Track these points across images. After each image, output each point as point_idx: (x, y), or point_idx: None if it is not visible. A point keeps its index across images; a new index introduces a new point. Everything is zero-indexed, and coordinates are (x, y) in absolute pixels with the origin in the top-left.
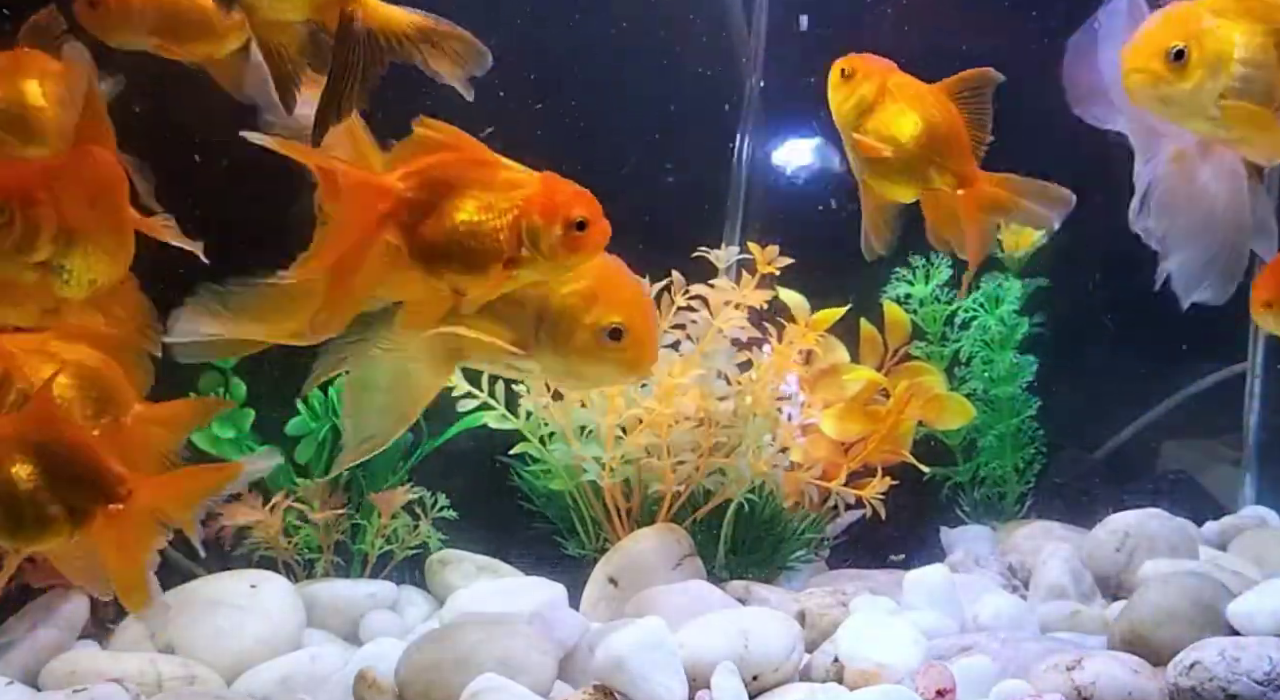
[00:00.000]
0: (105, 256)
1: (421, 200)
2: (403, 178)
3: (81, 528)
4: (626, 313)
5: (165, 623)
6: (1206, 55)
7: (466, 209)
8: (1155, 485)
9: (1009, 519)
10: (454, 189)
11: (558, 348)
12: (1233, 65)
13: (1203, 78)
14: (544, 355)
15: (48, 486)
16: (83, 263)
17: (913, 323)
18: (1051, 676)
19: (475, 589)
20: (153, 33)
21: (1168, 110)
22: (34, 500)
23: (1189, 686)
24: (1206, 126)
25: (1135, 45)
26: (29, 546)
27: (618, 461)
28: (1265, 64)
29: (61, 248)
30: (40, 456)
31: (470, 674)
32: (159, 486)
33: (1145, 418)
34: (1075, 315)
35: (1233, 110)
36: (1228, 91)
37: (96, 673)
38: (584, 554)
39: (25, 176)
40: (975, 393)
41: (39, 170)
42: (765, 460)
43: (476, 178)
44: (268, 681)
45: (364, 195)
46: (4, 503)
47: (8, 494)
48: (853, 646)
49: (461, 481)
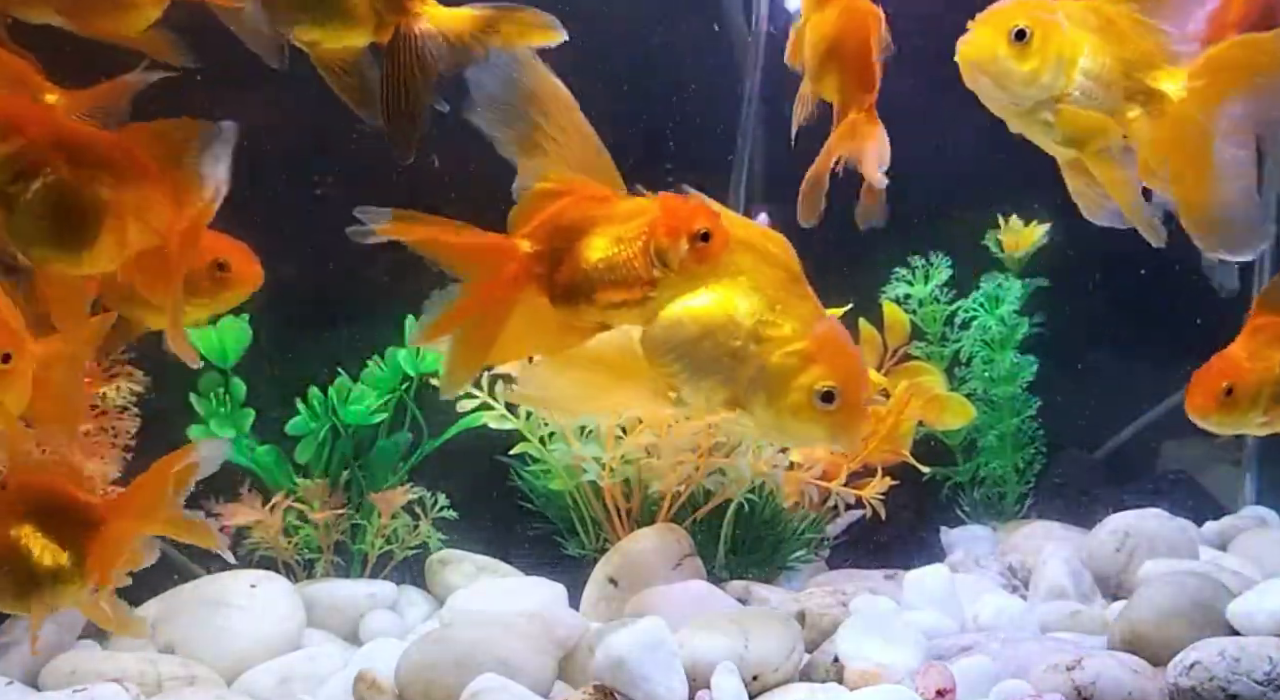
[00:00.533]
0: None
1: (553, 249)
2: (529, 234)
3: (85, 571)
4: (841, 379)
5: (154, 629)
6: (1049, 48)
7: (598, 246)
8: (1155, 485)
9: (1009, 519)
10: (581, 231)
11: (771, 403)
12: (1075, 71)
13: (1039, 67)
14: (757, 410)
15: (54, 540)
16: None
17: (912, 323)
18: (1051, 676)
19: (475, 589)
20: (59, 9)
21: (998, 93)
22: (47, 557)
23: (1189, 686)
24: (1038, 131)
25: (980, 19)
26: (55, 603)
27: (618, 461)
28: (1107, 85)
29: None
30: (33, 512)
31: (470, 674)
32: (124, 504)
33: (1145, 418)
34: (1075, 315)
35: (1069, 115)
36: (1065, 96)
37: (96, 673)
38: (584, 554)
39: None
40: (975, 393)
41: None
42: (765, 460)
43: (599, 215)
44: (268, 681)
45: (493, 259)
46: (21, 569)
47: (21, 559)
48: (853, 646)
49: (461, 481)
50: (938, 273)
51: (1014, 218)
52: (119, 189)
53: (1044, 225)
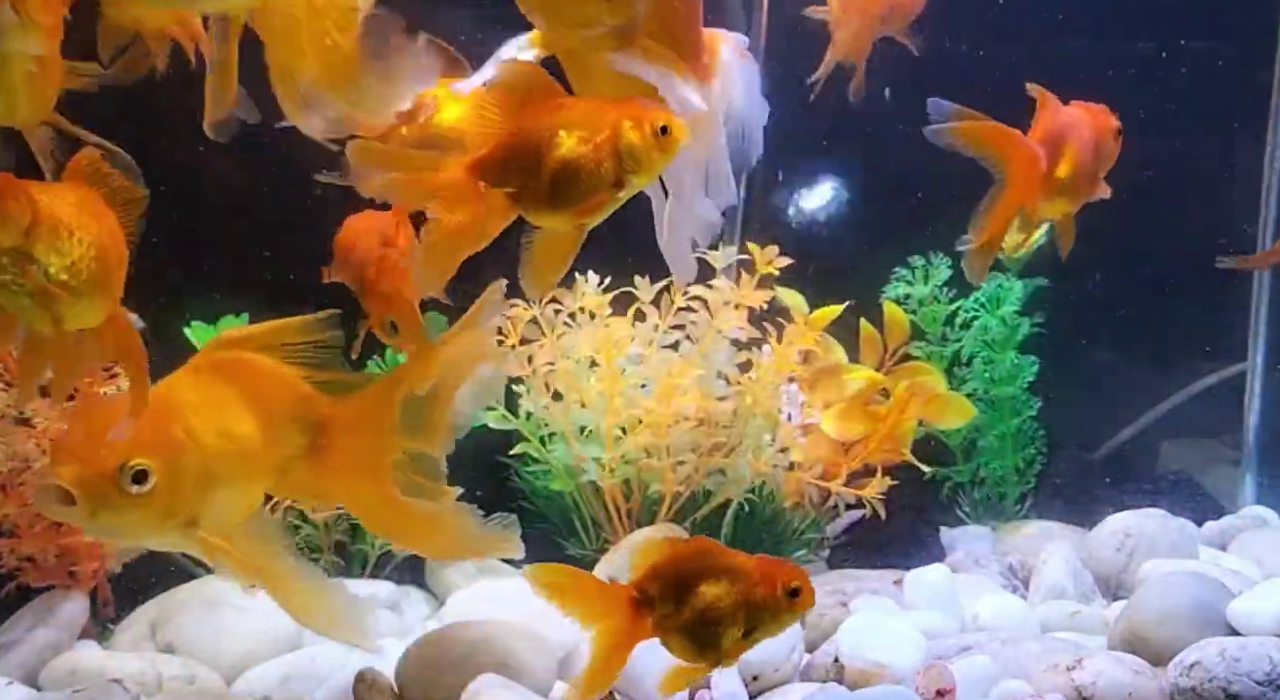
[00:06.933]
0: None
1: (516, 161)
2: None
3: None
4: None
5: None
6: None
7: (568, 147)
8: (1155, 485)
9: (1009, 519)
10: (550, 137)
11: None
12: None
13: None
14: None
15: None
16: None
17: (912, 323)
18: (1051, 676)
19: (475, 589)
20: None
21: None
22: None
23: (1189, 686)
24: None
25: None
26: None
27: (617, 462)
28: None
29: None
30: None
31: (470, 674)
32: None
33: (1145, 418)
34: (1075, 315)
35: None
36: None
37: (96, 673)
38: (584, 554)
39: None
40: (975, 393)
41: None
42: (765, 460)
43: (560, 121)
44: (268, 681)
45: (457, 186)
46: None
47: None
48: (853, 646)
49: (461, 481)
50: (938, 273)
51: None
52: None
53: (1044, 225)
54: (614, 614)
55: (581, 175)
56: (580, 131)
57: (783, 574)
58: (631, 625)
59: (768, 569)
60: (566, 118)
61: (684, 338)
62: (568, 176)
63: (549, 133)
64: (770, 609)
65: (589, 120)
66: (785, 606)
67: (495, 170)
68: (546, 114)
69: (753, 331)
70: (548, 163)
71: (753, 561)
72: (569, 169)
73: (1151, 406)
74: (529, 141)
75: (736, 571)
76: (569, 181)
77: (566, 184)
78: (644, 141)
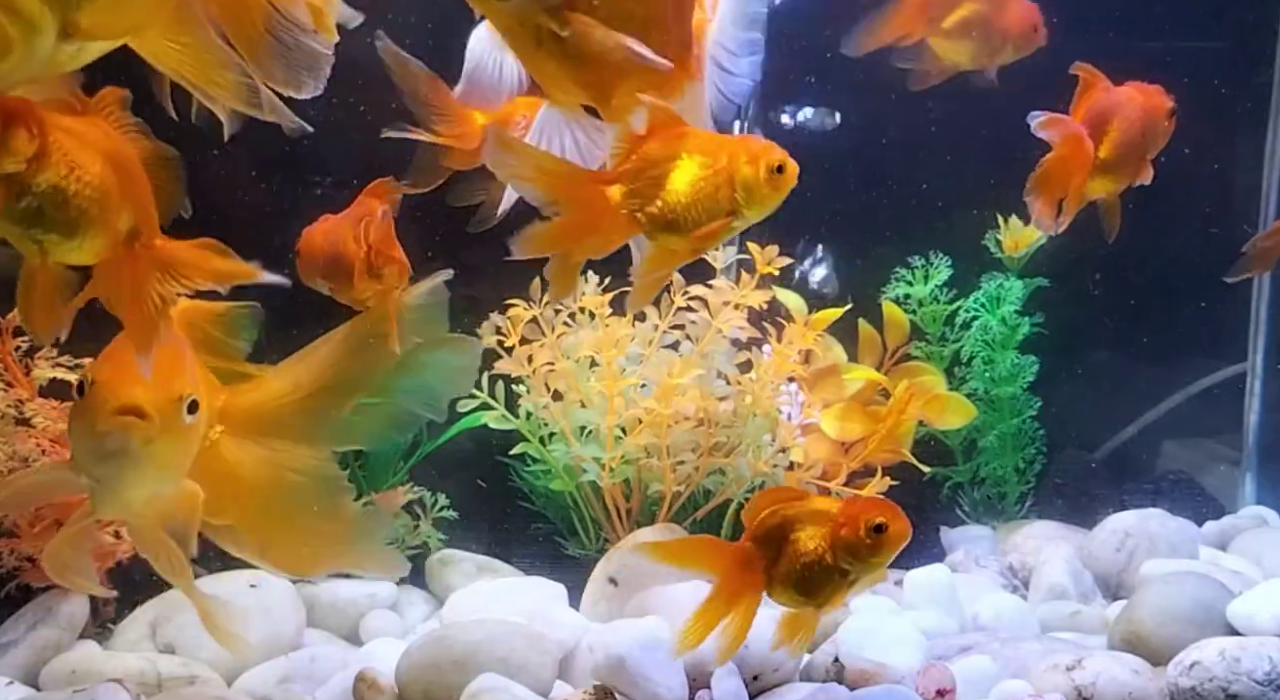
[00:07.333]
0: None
1: (641, 186)
2: (619, 176)
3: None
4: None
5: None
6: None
7: (687, 176)
8: (1155, 485)
9: (1009, 519)
10: (667, 167)
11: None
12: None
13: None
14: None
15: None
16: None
17: (912, 323)
18: (1051, 676)
19: (475, 589)
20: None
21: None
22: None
23: (1189, 686)
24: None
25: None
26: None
27: (617, 462)
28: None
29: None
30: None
31: (470, 674)
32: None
33: (1145, 418)
34: (1075, 315)
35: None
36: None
37: (96, 673)
38: (584, 554)
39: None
40: (975, 393)
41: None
42: (765, 460)
43: (682, 149)
44: (268, 681)
45: (587, 192)
46: None
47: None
48: (853, 646)
49: (461, 481)
50: (938, 273)
51: (1014, 218)
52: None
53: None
54: (726, 572)
55: (698, 201)
56: (701, 160)
57: (867, 512)
58: (743, 580)
59: (852, 510)
60: (689, 146)
61: (684, 338)
62: (686, 200)
63: (672, 158)
64: (858, 548)
65: (710, 150)
66: (872, 544)
67: (622, 185)
68: (671, 141)
69: (753, 331)
70: (668, 185)
71: (840, 504)
72: (687, 194)
73: (1151, 406)
74: (653, 164)
75: (824, 516)
76: (686, 205)
77: (684, 207)
78: (758, 176)
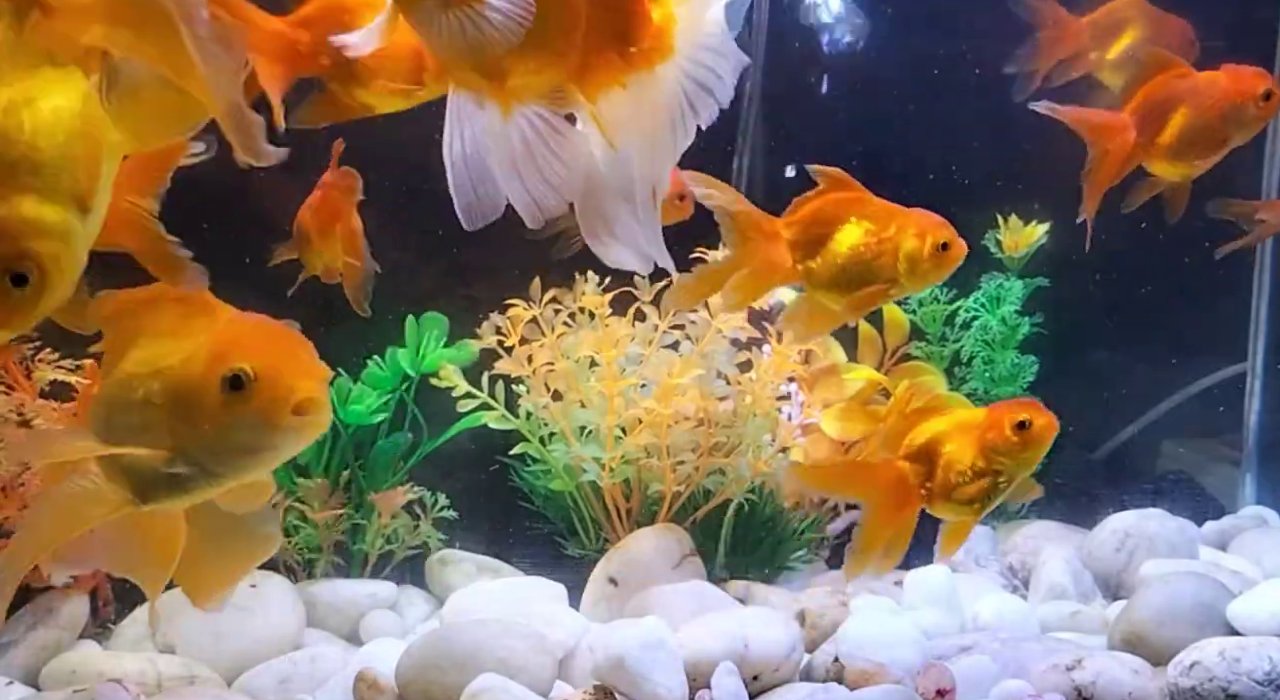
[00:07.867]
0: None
1: (810, 238)
2: (791, 223)
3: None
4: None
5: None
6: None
7: (851, 239)
8: (1155, 485)
9: (1009, 519)
10: (837, 224)
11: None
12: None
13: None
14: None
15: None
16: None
17: (912, 323)
18: (1051, 676)
19: (475, 589)
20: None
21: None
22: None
23: (1189, 686)
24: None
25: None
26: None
27: (617, 462)
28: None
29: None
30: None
31: (470, 674)
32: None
33: (1145, 418)
34: (1075, 315)
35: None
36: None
37: (96, 673)
38: (584, 554)
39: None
40: (976, 393)
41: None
42: (765, 460)
43: (854, 212)
44: (268, 681)
45: (760, 231)
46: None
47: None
48: (853, 646)
49: (461, 481)
50: None
51: (1014, 218)
52: None
53: (1044, 225)
54: (884, 493)
55: (858, 264)
56: (869, 226)
57: (1010, 412)
58: (900, 499)
59: (995, 414)
60: (862, 211)
61: (684, 338)
62: (843, 262)
63: (843, 220)
64: (1009, 449)
65: (880, 218)
66: (1020, 440)
67: (792, 233)
68: (846, 203)
69: (753, 331)
70: (831, 244)
71: (983, 412)
72: (846, 256)
73: (1152, 406)
74: (822, 223)
75: (970, 425)
76: (843, 267)
77: (841, 268)
78: (922, 251)
